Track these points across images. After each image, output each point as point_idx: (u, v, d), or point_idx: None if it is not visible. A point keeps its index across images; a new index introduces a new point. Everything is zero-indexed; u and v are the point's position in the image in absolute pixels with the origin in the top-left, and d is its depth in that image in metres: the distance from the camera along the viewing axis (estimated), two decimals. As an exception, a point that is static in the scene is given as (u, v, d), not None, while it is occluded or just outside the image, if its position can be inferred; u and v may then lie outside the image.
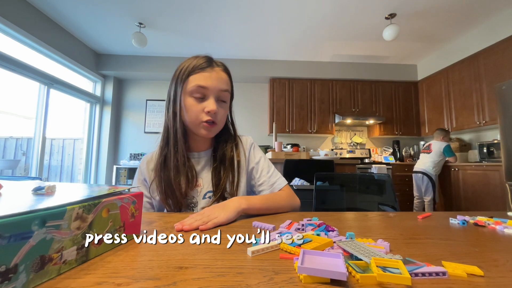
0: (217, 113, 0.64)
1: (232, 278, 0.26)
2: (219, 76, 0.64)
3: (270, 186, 0.71)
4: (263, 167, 0.74)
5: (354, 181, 1.22)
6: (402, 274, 0.25)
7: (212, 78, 0.63)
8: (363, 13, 2.87)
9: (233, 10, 2.85)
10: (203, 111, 0.63)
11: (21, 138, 3.26)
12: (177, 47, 3.72)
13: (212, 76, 0.63)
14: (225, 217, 0.49)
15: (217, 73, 0.64)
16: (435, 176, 3.06)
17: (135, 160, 4.02)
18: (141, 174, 0.71)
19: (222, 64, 0.68)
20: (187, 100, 0.63)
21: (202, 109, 0.63)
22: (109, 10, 2.85)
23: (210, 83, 0.62)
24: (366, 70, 4.16)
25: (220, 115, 0.65)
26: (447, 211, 1.17)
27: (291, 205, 0.67)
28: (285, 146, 3.43)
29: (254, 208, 0.58)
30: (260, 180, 0.72)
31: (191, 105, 0.63)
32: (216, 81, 0.63)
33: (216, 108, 0.63)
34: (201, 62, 0.64)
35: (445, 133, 3.15)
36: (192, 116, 0.63)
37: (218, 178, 0.68)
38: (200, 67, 0.63)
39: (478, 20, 2.98)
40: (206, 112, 0.62)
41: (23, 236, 0.23)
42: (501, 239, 0.42)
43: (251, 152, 0.75)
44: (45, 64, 3.08)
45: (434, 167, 3.05)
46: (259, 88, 4.40)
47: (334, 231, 0.42)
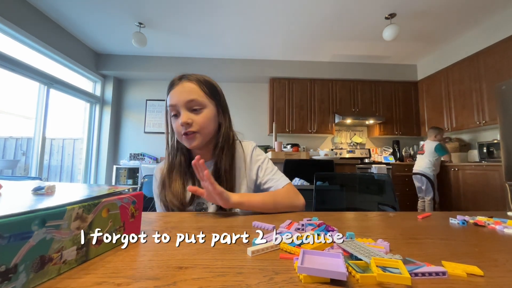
0: (193, 122, 0.66)
1: (232, 278, 0.26)
2: (184, 89, 0.67)
3: (274, 183, 0.73)
4: (267, 166, 0.76)
5: (354, 181, 1.22)
6: (402, 274, 0.25)
7: (177, 92, 0.67)
8: (363, 13, 2.87)
9: (233, 10, 2.85)
10: (180, 126, 0.67)
11: (21, 138, 3.26)
12: (177, 47, 3.72)
13: (177, 91, 0.67)
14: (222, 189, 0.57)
15: (182, 87, 0.67)
16: (433, 176, 3.07)
17: (135, 160, 4.02)
18: (155, 180, 0.76)
19: (194, 77, 0.69)
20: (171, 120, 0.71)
21: (179, 124, 0.67)
22: (109, 10, 2.85)
23: (176, 98, 0.67)
24: (366, 70, 4.16)
25: (197, 122, 0.67)
26: (447, 211, 1.17)
27: (291, 202, 0.67)
28: (285, 146, 3.42)
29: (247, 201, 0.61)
30: (265, 178, 0.74)
31: (173, 123, 0.70)
32: (180, 94, 0.66)
33: (187, 119, 0.65)
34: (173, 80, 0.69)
35: (437, 131, 3.15)
36: (176, 133, 0.69)
37: None
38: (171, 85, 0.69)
39: (478, 20, 2.98)
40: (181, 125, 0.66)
41: (23, 236, 0.23)
42: (501, 239, 0.43)
43: (253, 155, 0.77)
44: (45, 64, 3.07)
45: (431, 167, 3.07)
46: (259, 88, 4.40)
47: (334, 231, 0.42)
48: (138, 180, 3.92)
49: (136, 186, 0.44)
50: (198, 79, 0.70)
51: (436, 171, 3.12)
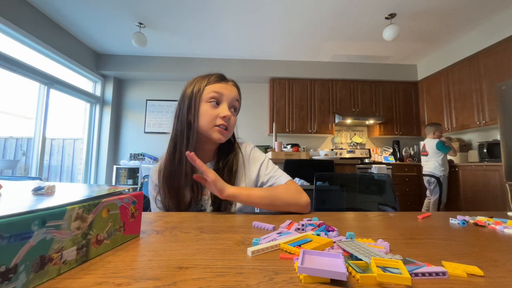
0: (230, 120, 0.69)
1: (232, 278, 0.26)
2: (232, 89, 0.72)
3: (276, 179, 0.73)
4: (268, 165, 0.77)
5: (354, 181, 1.22)
6: (402, 274, 0.25)
7: (227, 87, 0.70)
8: (363, 13, 2.87)
9: (233, 10, 2.85)
10: (217, 116, 0.67)
11: (21, 138, 3.26)
12: (177, 47, 3.72)
13: (226, 86, 0.71)
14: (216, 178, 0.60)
15: (230, 86, 0.72)
16: (443, 176, 2.98)
17: (135, 160, 4.02)
18: (151, 182, 0.74)
19: (233, 81, 0.75)
20: (203, 106, 0.68)
21: (217, 115, 0.67)
22: (109, 10, 2.85)
23: (225, 90, 0.69)
24: (366, 70, 4.16)
25: (232, 122, 0.71)
26: (447, 211, 1.17)
27: (292, 199, 0.63)
28: (285, 146, 3.42)
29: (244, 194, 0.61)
30: (267, 177, 0.74)
31: (207, 110, 0.67)
32: (230, 90, 0.71)
33: (230, 114, 0.68)
34: (215, 76, 0.72)
35: (435, 127, 3.06)
36: (207, 120, 0.67)
37: None
38: (215, 80, 0.71)
39: (478, 20, 2.98)
40: (221, 117, 0.67)
41: (23, 236, 0.23)
42: (501, 239, 0.42)
43: (252, 156, 0.78)
44: (45, 64, 3.08)
45: (439, 168, 2.98)
46: (259, 88, 4.40)
47: (334, 231, 0.42)
48: (138, 180, 3.92)
49: (136, 186, 0.44)
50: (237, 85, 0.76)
51: (445, 171, 3.01)
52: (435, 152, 3.00)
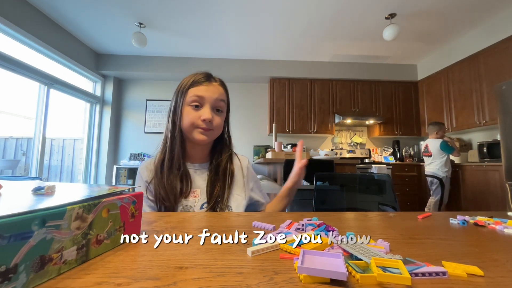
0: (213, 121, 0.70)
1: (232, 278, 0.26)
2: (215, 89, 0.72)
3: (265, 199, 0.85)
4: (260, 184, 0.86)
5: (354, 181, 1.22)
6: (402, 274, 0.25)
7: (209, 89, 0.71)
8: (363, 13, 2.87)
9: (233, 10, 2.85)
10: (198, 119, 0.69)
11: (21, 138, 3.26)
12: (177, 47, 3.72)
13: (208, 88, 0.71)
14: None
15: (213, 86, 0.72)
16: (446, 177, 2.94)
17: (135, 160, 4.02)
18: (141, 178, 0.73)
19: (219, 80, 0.75)
20: (186, 109, 0.70)
21: (198, 117, 0.69)
22: (109, 10, 2.85)
23: (205, 93, 0.70)
24: (366, 70, 4.16)
25: (216, 122, 0.71)
26: (447, 211, 1.17)
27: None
28: (285, 146, 3.42)
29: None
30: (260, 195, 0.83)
31: (188, 112, 0.70)
32: (212, 92, 0.71)
33: (211, 117, 0.69)
34: (199, 77, 0.72)
35: (438, 127, 3.02)
36: (188, 122, 0.69)
37: (212, 188, 0.71)
38: (198, 82, 0.71)
39: (478, 20, 2.98)
40: (202, 120, 0.68)
41: (23, 236, 0.23)
42: (501, 239, 0.42)
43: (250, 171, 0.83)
44: (45, 64, 3.08)
45: (442, 168, 2.94)
46: (259, 88, 4.40)
47: (334, 231, 0.42)
48: (138, 180, 3.91)
49: (136, 186, 0.44)
50: (224, 84, 0.76)
51: (448, 172, 2.97)
52: (439, 152, 2.96)
